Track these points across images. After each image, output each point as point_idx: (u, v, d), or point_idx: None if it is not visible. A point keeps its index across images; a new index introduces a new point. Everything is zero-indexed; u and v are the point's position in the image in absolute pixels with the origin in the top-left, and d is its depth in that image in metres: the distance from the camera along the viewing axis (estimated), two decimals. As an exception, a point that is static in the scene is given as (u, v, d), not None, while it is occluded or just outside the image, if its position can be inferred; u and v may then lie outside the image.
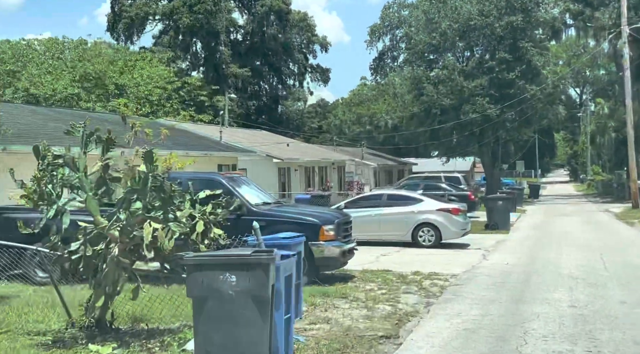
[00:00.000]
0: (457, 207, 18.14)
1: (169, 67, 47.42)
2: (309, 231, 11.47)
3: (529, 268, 13.86)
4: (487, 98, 41.87)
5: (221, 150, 23.13)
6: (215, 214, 7.71)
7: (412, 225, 18.00)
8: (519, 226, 24.97)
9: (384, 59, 53.14)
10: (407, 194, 19.04)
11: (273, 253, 5.92)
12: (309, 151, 36.47)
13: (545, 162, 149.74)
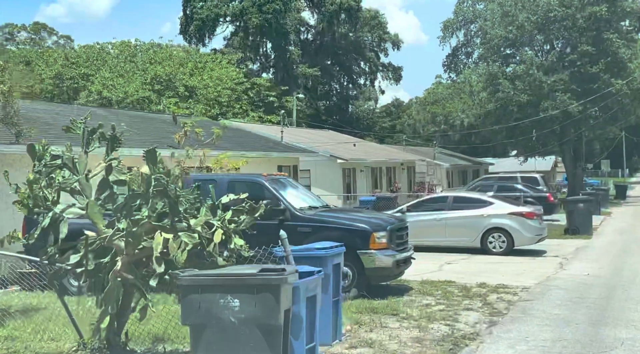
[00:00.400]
0: (531, 210, 16.56)
1: (238, 68, 47.27)
2: (358, 239, 10.42)
3: (613, 280, 12.23)
4: (568, 94, 39.36)
5: (281, 151, 22.34)
6: (237, 222, 6.72)
7: (481, 230, 16.56)
8: (602, 231, 22.93)
9: (458, 55, 51.21)
10: (475, 196, 17.58)
11: (285, 272, 4.88)
12: (377, 151, 35.25)
13: (634, 161, 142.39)
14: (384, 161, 32.70)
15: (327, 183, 27.83)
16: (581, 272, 13.27)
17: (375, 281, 10.64)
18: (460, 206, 17.11)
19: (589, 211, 21.31)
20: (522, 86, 40.14)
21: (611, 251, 16.97)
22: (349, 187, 29.15)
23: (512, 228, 16.35)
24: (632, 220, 28.20)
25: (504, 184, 29.06)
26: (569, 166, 42.64)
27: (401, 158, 35.25)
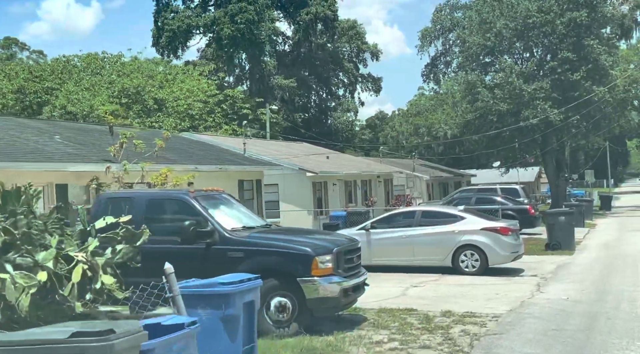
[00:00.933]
0: (506, 226, 15.12)
1: (210, 80, 45.79)
2: (298, 264, 8.91)
3: (595, 306, 10.78)
4: (549, 102, 38.21)
5: (243, 164, 20.82)
6: (99, 255, 5.18)
7: (451, 247, 15.08)
8: (586, 245, 21.54)
9: (437, 64, 50.21)
10: (445, 210, 16.10)
11: (112, 336, 3.34)
12: (352, 163, 33.82)
13: (618, 171, 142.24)
14: (358, 174, 31.24)
15: (296, 198, 26.32)
16: (560, 296, 11.81)
17: (320, 313, 9.10)
18: (429, 222, 15.65)
19: (571, 225, 19.93)
20: (501, 95, 38.96)
21: (594, 269, 15.55)
22: (320, 202, 27.65)
23: (485, 246, 14.89)
24: (617, 233, 26.89)
25: (482, 196, 27.71)
26: (551, 176, 41.44)
27: (377, 171, 33.80)
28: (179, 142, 21.33)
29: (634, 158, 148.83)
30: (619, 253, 18.71)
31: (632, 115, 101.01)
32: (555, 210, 21.10)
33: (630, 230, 27.80)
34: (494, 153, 42.58)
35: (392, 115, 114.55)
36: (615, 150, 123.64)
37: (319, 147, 38.20)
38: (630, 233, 26.08)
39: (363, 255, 15.77)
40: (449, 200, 28.42)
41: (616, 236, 24.98)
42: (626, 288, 12.48)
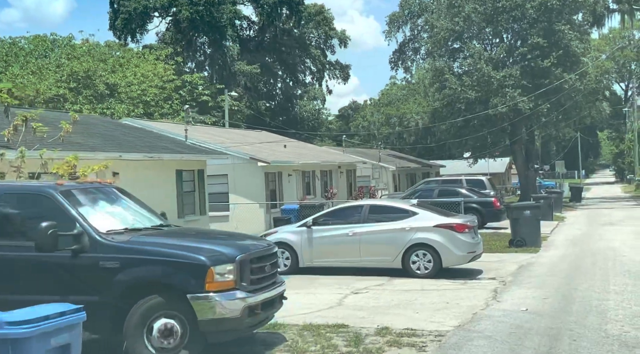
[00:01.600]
0: (462, 222, 13.44)
1: (167, 65, 43.56)
2: (188, 276, 7.11)
3: (559, 320, 9.13)
4: (518, 90, 36.83)
5: (182, 152, 18.89)
6: None
7: (401, 247, 13.37)
8: (553, 241, 20.03)
9: (405, 51, 48.55)
10: (396, 205, 14.33)
11: None
12: (311, 153, 31.99)
13: (590, 162, 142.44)
14: (317, 164, 29.42)
15: (247, 190, 24.45)
16: (518, 306, 10.16)
17: (216, 338, 7.27)
18: (378, 218, 13.90)
19: (537, 220, 18.37)
20: (469, 82, 37.48)
21: (560, 270, 13.96)
22: (274, 194, 25.81)
23: (439, 245, 13.21)
24: (586, 227, 25.52)
25: (446, 188, 26.14)
26: (520, 167, 40.12)
27: (339, 161, 32.03)
28: (109, 127, 19.31)
29: (604, 149, 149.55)
30: (587, 251, 17.20)
31: (603, 106, 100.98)
32: (519, 203, 19.53)
33: (599, 224, 26.48)
34: (463, 143, 41.14)
35: (363, 104, 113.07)
36: (587, 141, 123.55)
37: (280, 136, 36.34)
38: (599, 227, 24.73)
39: (304, 255, 14.13)
40: (412, 192, 26.81)
41: (585, 231, 23.58)
42: (594, 295, 10.88)
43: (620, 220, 28.16)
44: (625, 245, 18.15)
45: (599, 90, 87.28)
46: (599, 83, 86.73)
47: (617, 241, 19.21)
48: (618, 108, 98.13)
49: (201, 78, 44.85)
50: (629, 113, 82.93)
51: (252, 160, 24.27)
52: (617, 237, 20.60)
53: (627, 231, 22.61)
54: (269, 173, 25.32)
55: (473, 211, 24.20)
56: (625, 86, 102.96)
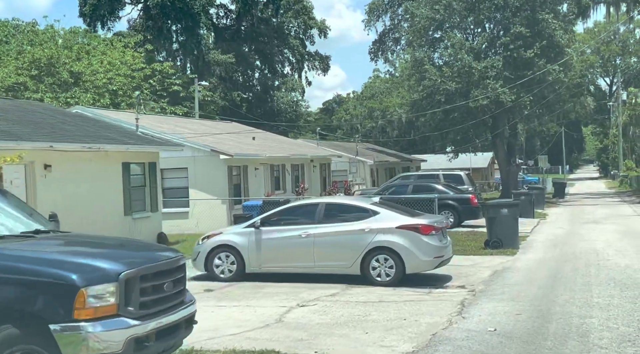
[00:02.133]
0: (428, 223, 11.91)
1: (137, 53, 41.71)
2: (51, 301, 5.49)
3: (532, 345, 7.62)
4: (500, 81, 35.45)
5: (129, 143, 17.23)
6: None
7: (360, 250, 11.84)
8: (532, 242, 18.61)
9: (385, 41, 47.01)
10: (355, 203, 12.73)
11: None
12: (282, 145, 30.38)
13: (574, 158, 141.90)
14: (287, 157, 27.80)
15: (208, 185, 22.81)
16: (485, 324, 8.65)
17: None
18: (334, 218, 12.36)
19: (515, 219, 16.90)
20: (450, 73, 36.03)
21: (537, 278, 12.49)
22: (239, 189, 24.19)
23: (402, 249, 11.69)
24: (568, 225, 24.16)
25: (421, 184, 24.66)
26: (502, 162, 38.77)
27: (311, 154, 30.41)
28: (47, 115, 17.57)
29: (589, 144, 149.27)
30: (568, 253, 15.77)
31: (587, 101, 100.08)
32: (496, 201, 18.05)
33: (582, 222, 25.15)
34: (442, 136, 39.72)
35: (346, 97, 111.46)
36: (571, 136, 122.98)
37: (252, 128, 34.68)
38: (582, 226, 23.38)
39: (251, 260, 12.55)
40: (385, 187, 25.30)
41: (567, 230, 22.21)
42: (575, 310, 9.40)
43: (603, 218, 26.88)
44: (609, 247, 16.76)
45: (583, 84, 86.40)
46: (583, 78, 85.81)
47: (601, 242, 17.83)
48: (602, 103, 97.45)
49: (172, 67, 43.02)
50: (613, 107, 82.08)
51: (214, 152, 22.64)
52: (601, 237, 19.24)
53: (611, 230, 21.27)
54: (232, 166, 23.69)
55: (449, 209, 22.83)
56: (610, 81, 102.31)
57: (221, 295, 11.09)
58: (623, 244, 17.31)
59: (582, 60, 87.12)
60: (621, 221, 24.73)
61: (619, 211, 31.06)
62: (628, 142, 72.85)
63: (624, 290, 10.78)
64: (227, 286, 11.84)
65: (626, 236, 19.27)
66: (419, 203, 21.13)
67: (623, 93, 68.61)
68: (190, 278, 12.72)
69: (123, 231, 16.75)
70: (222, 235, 12.60)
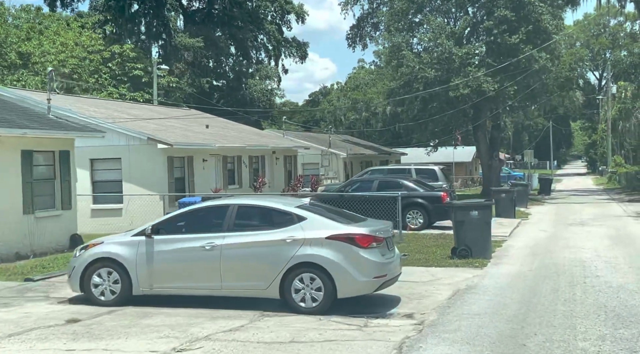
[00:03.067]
0: (367, 233, 9.20)
1: (95, 34, 38.76)
2: None
3: None
4: (482, 69, 32.84)
5: (28, 127, 14.43)
6: None
7: (279, 268, 9.14)
8: (508, 249, 15.99)
9: (363, 26, 44.19)
10: (274, 206, 9.93)
11: None
12: (241, 135, 27.54)
13: (562, 153, 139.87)
14: (243, 148, 25.01)
15: (145, 178, 20.03)
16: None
17: None
18: (249, 225, 9.66)
19: (486, 223, 14.29)
20: (429, 59, 33.35)
21: (508, 303, 9.82)
22: (183, 183, 21.41)
23: (332, 266, 9.01)
24: (552, 227, 21.60)
25: (389, 179, 22.04)
26: (484, 156, 36.17)
27: (273, 145, 27.63)
28: None
29: (577, 139, 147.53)
30: (549, 266, 13.16)
31: (576, 95, 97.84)
32: (465, 202, 15.37)
33: (568, 223, 22.62)
34: (421, 128, 37.11)
35: (330, 88, 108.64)
36: (559, 131, 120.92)
37: (211, 116, 31.88)
38: (567, 229, 20.83)
39: (140, 278, 9.44)
40: (347, 183, 22.61)
41: (550, 233, 19.65)
42: (552, 361, 6.76)
43: (591, 218, 24.39)
44: (598, 258, 14.18)
45: (572, 78, 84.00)
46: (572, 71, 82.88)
47: (588, 251, 15.26)
48: (592, 97, 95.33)
49: (134, 50, 40.08)
50: (602, 102, 79.79)
51: (152, 141, 19.84)
52: (588, 244, 16.68)
53: (600, 235, 18.73)
54: (174, 157, 20.92)
55: (418, 208, 20.26)
56: (600, 75, 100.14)
57: (85, 328, 8.34)
58: (614, 254, 14.74)
59: (571, 53, 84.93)
60: (611, 223, 22.24)
61: (608, 210, 28.62)
62: (617, 137, 70.65)
63: (617, 326, 8.15)
64: (102, 314, 9.08)
65: (617, 243, 16.72)
66: (382, 202, 18.54)
67: (613, 87, 66.22)
68: (59, 300, 10.00)
69: (20, 232, 13.98)
70: (103, 244, 9.83)
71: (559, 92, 47.29)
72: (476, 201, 14.72)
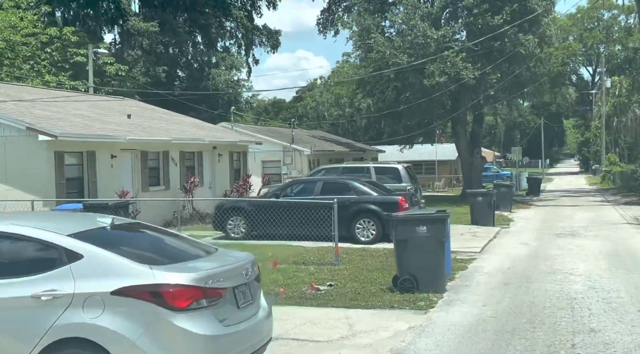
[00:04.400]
0: (183, 283, 5.12)
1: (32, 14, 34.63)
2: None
3: None
4: (461, 54, 28.92)
5: None
6: None
7: (29, 349, 5.08)
8: (473, 274, 11.99)
9: (335, 10, 40.16)
10: (30, 233, 5.50)
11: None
12: (172, 127, 23.42)
13: (554, 152, 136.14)
14: (168, 142, 20.87)
15: (24, 178, 15.96)
16: None
17: None
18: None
19: (439, 242, 10.25)
20: (401, 43, 29.39)
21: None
22: (81, 185, 17.33)
23: (118, 346, 4.97)
24: (536, 238, 17.65)
25: (335, 180, 17.99)
26: (464, 153, 32.17)
27: (211, 139, 23.41)
28: None
29: (570, 137, 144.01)
30: (523, 309, 9.17)
31: (569, 92, 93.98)
32: (411, 214, 11.26)
33: (556, 233, 18.68)
34: (393, 121, 33.16)
35: (313, 82, 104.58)
36: (552, 129, 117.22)
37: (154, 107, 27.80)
38: (555, 241, 16.89)
39: None
40: (288, 184, 18.53)
41: (533, 248, 15.68)
42: None
43: (584, 226, 20.51)
44: (593, 291, 10.23)
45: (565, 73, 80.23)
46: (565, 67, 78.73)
47: (579, 279, 11.31)
48: (585, 93, 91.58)
49: (76, 33, 35.95)
50: (596, 98, 75.89)
51: (32, 131, 15.74)
52: (580, 266, 12.74)
53: (595, 252, 14.80)
54: (68, 153, 16.83)
55: (370, 216, 16.31)
56: (593, 70, 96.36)
57: None
58: (615, 285, 10.77)
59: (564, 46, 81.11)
60: (607, 234, 18.34)
61: (603, 215, 24.78)
62: (611, 135, 66.83)
63: None
64: None
65: (618, 266, 12.76)
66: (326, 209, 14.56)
67: (607, 80, 62.30)
68: None
69: None
70: None
71: (551, 88, 43.81)
72: (423, 213, 10.68)
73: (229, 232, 16.70)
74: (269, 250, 13.97)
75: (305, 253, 14.16)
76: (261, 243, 15.28)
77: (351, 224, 16.18)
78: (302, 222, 15.58)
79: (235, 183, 24.05)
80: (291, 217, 15.62)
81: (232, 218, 16.66)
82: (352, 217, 16.23)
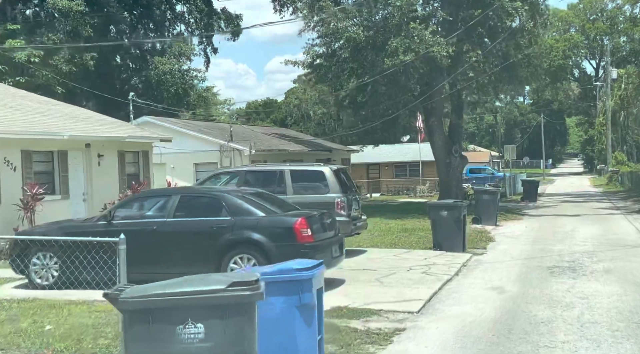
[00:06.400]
0: None
1: None
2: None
3: None
4: (433, 27, 22.86)
5: None
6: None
7: None
8: None
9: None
10: None
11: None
12: (28, 118, 17.23)
13: (557, 151, 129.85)
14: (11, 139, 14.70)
15: None
16: None
17: None
18: None
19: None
20: (356, 13, 23.35)
21: None
22: None
23: None
24: (516, 280, 11.44)
25: (202, 194, 11.74)
26: (440, 152, 25.89)
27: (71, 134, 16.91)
28: None
29: (573, 137, 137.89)
30: None
31: (572, 86, 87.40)
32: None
33: (548, 266, 12.48)
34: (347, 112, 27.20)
35: (298, 78, 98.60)
36: (554, 127, 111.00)
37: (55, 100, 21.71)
38: (543, 286, 10.67)
39: None
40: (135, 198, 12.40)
41: (507, 305, 9.49)
42: None
43: (589, 252, 14.43)
44: None
45: (566, 66, 73.86)
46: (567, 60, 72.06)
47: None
48: (588, 88, 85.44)
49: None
50: (601, 92, 69.48)
51: None
52: (583, 344, 6.60)
53: (610, 313, 8.72)
54: None
55: (249, 249, 10.29)
56: (597, 63, 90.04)
57: None
58: None
59: (565, 39, 75.03)
60: (624, 265, 12.32)
61: (614, 231, 18.81)
62: (617, 131, 60.76)
63: None
64: None
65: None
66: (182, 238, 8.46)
67: (613, 71, 56.08)
68: None
69: None
70: None
71: (552, 83, 37.94)
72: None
73: (34, 277, 10.70)
74: (61, 315, 8.11)
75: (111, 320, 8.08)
76: (68, 298, 9.39)
77: (221, 262, 10.19)
78: (144, 261, 9.65)
79: (123, 194, 17.92)
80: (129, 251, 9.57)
81: (38, 255, 10.66)
82: (226, 251, 10.27)
